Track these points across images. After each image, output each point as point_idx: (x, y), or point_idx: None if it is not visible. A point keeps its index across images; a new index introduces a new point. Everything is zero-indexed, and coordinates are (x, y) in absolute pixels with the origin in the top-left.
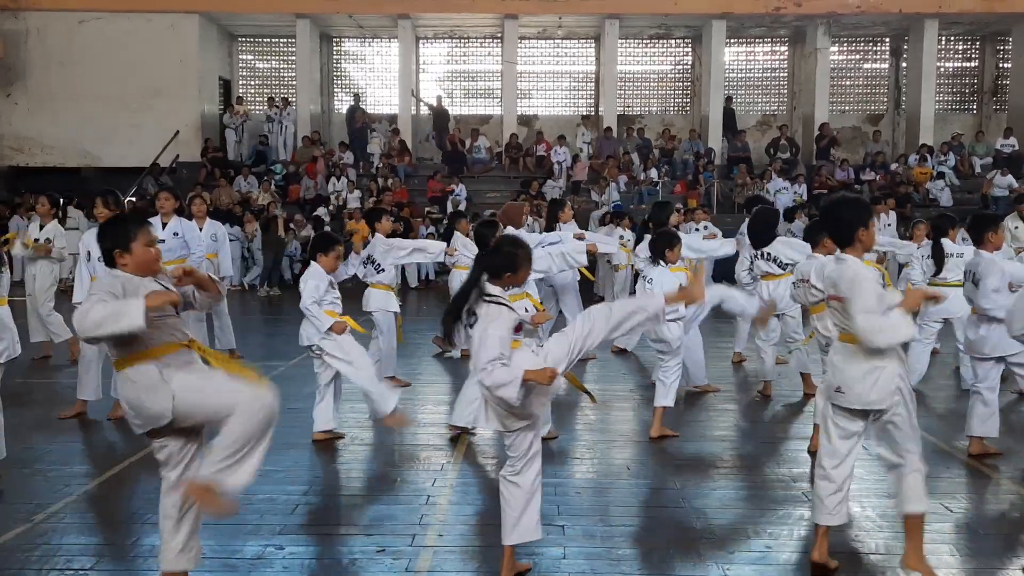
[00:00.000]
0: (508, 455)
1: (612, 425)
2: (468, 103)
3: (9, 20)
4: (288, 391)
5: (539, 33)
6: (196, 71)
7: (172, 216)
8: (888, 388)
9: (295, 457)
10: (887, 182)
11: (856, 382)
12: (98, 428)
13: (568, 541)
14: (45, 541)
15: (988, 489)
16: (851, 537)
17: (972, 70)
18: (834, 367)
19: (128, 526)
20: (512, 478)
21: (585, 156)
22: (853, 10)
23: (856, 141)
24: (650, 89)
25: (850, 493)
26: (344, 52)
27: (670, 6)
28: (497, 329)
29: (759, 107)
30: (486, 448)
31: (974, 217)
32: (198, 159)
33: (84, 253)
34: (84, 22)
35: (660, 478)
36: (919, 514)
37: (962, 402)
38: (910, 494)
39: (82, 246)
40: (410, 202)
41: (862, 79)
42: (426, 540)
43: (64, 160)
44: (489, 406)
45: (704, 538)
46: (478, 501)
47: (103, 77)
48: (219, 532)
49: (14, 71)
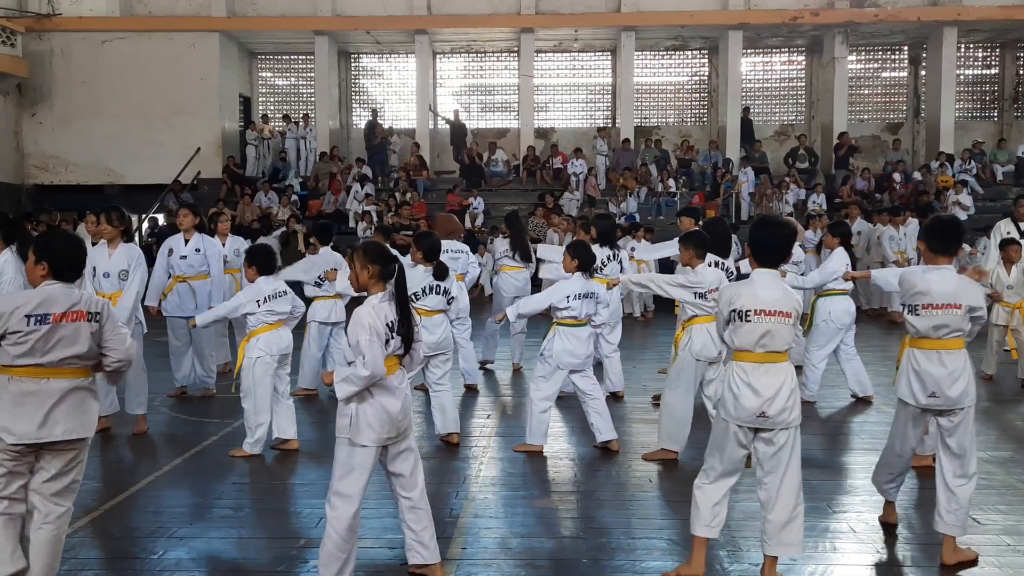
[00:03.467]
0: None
1: (633, 437)
2: (485, 117)
3: (34, 41)
4: (308, 404)
5: (555, 46)
6: (217, 89)
7: (194, 232)
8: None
9: (318, 470)
10: (909, 191)
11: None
12: (118, 443)
13: (590, 554)
14: (72, 556)
15: (1016, 500)
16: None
17: (992, 77)
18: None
19: (153, 541)
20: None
21: (603, 168)
22: (871, 19)
23: (876, 150)
24: (667, 100)
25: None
26: (362, 68)
27: (686, 17)
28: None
29: (777, 117)
30: (507, 464)
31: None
32: (219, 176)
33: (90, 269)
34: (107, 42)
35: (682, 491)
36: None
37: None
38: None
39: (89, 262)
40: (429, 216)
41: (881, 88)
42: (449, 553)
43: (88, 178)
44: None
45: (727, 550)
46: (501, 515)
47: (126, 96)
48: (243, 544)
49: (39, 91)
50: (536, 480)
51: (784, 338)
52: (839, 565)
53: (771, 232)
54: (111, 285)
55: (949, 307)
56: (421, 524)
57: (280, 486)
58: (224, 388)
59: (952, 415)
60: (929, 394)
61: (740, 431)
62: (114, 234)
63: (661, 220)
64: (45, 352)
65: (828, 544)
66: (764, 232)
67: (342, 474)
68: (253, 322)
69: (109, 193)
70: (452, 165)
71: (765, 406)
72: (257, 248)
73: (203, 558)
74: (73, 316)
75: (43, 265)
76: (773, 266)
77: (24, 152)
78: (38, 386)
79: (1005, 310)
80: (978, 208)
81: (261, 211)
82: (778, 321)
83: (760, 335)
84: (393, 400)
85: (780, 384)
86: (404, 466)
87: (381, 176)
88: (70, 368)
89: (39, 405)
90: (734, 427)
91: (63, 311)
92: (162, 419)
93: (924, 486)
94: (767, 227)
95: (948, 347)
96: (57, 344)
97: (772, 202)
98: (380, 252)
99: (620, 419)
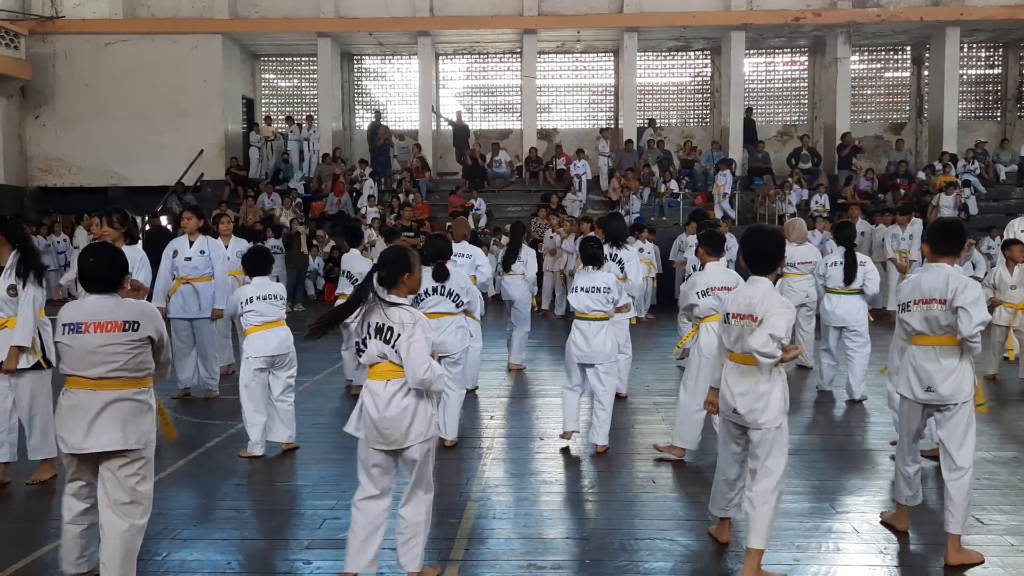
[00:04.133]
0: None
1: (636, 437)
2: (488, 118)
3: (37, 44)
4: (314, 406)
5: (558, 47)
6: (220, 91)
7: (197, 234)
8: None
9: (321, 472)
10: (913, 191)
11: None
12: None
13: (593, 555)
14: None
15: (1019, 500)
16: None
17: (995, 77)
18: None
19: (157, 543)
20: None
21: (606, 169)
22: (873, 19)
23: (879, 150)
24: (670, 101)
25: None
26: (365, 70)
27: (689, 18)
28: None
29: (780, 117)
30: (510, 465)
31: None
32: (222, 178)
33: None
34: (110, 45)
35: (685, 491)
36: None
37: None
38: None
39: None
40: (431, 217)
41: (883, 88)
42: (452, 554)
43: (91, 180)
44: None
45: (731, 551)
46: (505, 515)
47: (129, 98)
48: (247, 547)
49: (42, 94)
50: (539, 481)
51: (753, 343)
52: (842, 566)
53: (763, 241)
54: None
55: (934, 302)
56: (403, 536)
57: (283, 487)
58: (227, 390)
59: (947, 410)
60: (925, 388)
61: (729, 424)
62: (116, 236)
63: (664, 221)
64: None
65: (831, 544)
66: (757, 243)
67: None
68: (242, 323)
69: (113, 195)
70: (455, 166)
71: (735, 403)
72: (250, 250)
73: (206, 560)
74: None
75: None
76: (765, 273)
77: (27, 155)
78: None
79: (1007, 310)
80: (981, 208)
81: (264, 213)
82: (747, 325)
83: (734, 338)
84: (373, 407)
85: (753, 386)
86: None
87: (384, 178)
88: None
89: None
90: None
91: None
92: None
93: (930, 487)
94: (758, 237)
95: (943, 343)
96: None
97: (775, 203)
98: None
99: (622, 420)
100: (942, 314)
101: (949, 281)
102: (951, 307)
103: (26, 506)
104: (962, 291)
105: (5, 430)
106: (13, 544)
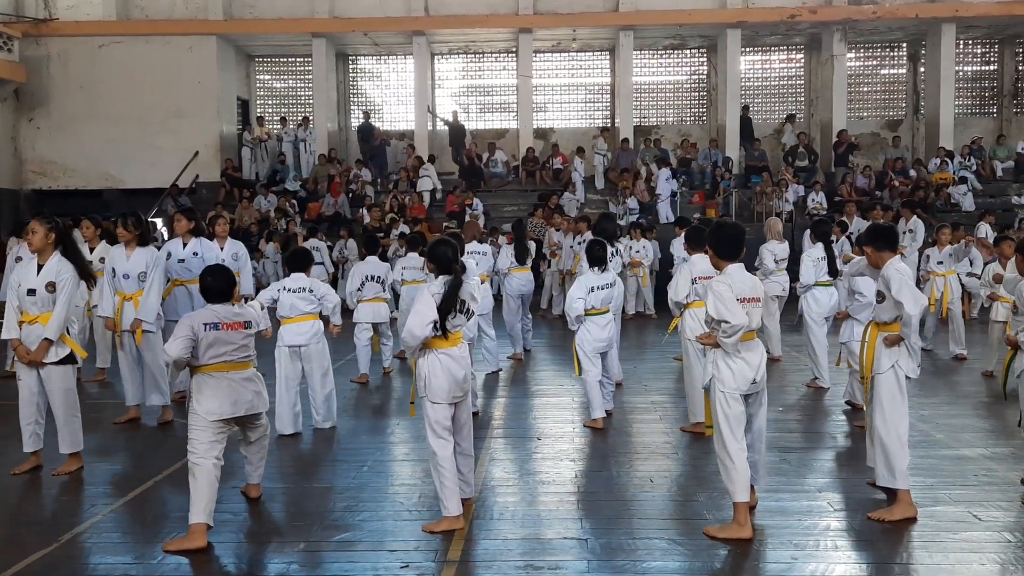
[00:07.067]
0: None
1: (634, 436)
2: (484, 117)
3: (31, 46)
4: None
5: (554, 46)
6: (215, 92)
7: (190, 236)
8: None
9: (317, 474)
10: (910, 187)
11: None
12: (122, 448)
13: (591, 554)
14: (73, 560)
15: (1016, 496)
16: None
17: (991, 73)
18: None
19: (154, 545)
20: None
21: (602, 168)
22: (869, 16)
23: (875, 147)
24: (666, 99)
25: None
26: (360, 70)
27: (684, 16)
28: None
29: (776, 115)
30: (508, 465)
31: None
32: (218, 179)
33: (109, 269)
34: (104, 46)
35: (684, 490)
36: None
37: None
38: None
39: (108, 262)
40: (428, 217)
41: (880, 85)
42: (450, 555)
43: (86, 183)
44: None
45: (730, 550)
46: (502, 516)
47: (124, 100)
48: (243, 549)
49: (36, 96)
50: (537, 481)
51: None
52: (840, 563)
53: (727, 232)
54: (131, 285)
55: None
56: (467, 467)
57: (281, 490)
58: None
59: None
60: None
61: (742, 401)
62: (130, 238)
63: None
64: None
65: (829, 542)
66: (723, 234)
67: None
68: (276, 315)
69: (108, 198)
70: (451, 166)
71: (756, 374)
72: (292, 250)
73: (202, 563)
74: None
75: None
76: (734, 260)
77: (22, 157)
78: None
79: (1005, 306)
80: (978, 204)
81: (260, 214)
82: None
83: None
84: (457, 367)
85: (761, 355)
86: (461, 414)
87: (380, 178)
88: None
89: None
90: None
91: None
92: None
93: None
94: (723, 229)
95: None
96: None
97: (772, 200)
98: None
99: (619, 419)
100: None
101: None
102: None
103: (55, 495)
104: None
105: (33, 421)
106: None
